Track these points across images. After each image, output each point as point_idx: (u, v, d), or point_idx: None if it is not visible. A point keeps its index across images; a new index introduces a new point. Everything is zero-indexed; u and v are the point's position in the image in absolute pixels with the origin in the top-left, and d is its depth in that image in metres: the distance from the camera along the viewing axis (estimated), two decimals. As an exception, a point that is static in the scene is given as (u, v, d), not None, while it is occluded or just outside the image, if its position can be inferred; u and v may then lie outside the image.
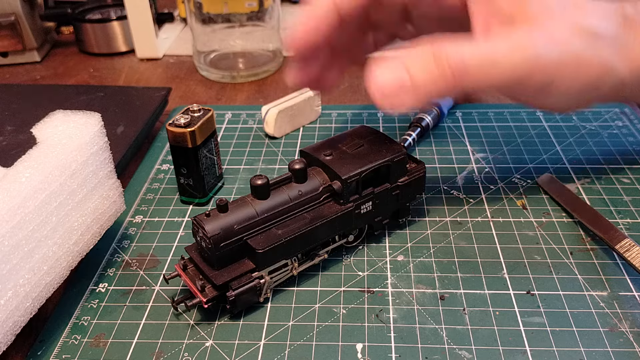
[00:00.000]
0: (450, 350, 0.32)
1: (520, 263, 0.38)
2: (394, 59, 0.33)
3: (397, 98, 0.33)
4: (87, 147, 0.36)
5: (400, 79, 0.33)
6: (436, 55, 0.32)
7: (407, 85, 0.33)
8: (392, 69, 0.33)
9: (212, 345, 0.33)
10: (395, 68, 0.33)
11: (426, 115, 0.52)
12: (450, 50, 0.32)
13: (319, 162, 0.37)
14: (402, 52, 0.33)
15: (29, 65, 0.73)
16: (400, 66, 0.33)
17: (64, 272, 0.34)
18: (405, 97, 0.33)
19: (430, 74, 0.32)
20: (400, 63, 0.33)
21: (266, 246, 0.34)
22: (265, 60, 0.68)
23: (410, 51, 0.33)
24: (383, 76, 0.33)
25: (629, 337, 0.33)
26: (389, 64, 0.33)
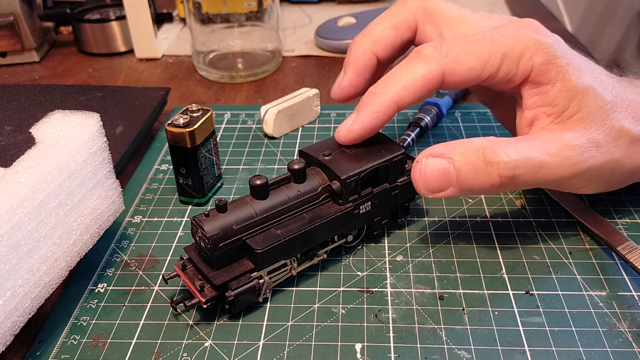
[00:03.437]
0: (450, 350, 0.32)
1: (519, 263, 0.38)
2: (442, 154, 0.34)
3: (439, 188, 0.34)
4: (86, 147, 0.36)
5: (446, 172, 0.34)
6: (487, 158, 0.33)
7: (452, 179, 0.34)
8: (439, 162, 0.34)
9: (211, 345, 0.33)
10: (443, 161, 0.34)
11: (425, 115, 0.52)
12: (502, 155, 0.33)
13: (318, 162, 0.37)
14: (450, 146, 0.34)
15: (27, 65, 0.73)
16: (447, 160, 0.34)
17: (62, 272, 0.34)
18: (448, 189, 0.34)
19: (478, 174, 0.33)
20: (448, 157, 0.34)
21: (265, 246, 0.34)
22: (264, 61, 0.68)
23: (460, 146, 0.34)
24: (429, 167, 0.34)
25: (627, 337, 0.33)
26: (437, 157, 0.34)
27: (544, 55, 0.35)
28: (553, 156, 0.34)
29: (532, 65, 0.35)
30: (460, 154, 0.34)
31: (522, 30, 0.36)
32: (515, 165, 0.33)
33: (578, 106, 0.35)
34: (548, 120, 0.36)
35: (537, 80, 0.35)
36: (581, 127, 0.35)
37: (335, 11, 0.83)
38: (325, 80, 0.65)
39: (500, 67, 0.35)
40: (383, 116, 0.36)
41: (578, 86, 0.35)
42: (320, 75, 0.67)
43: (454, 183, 0.34)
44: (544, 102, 0.36)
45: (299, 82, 0.65)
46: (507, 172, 0.33)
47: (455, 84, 0.36)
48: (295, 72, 0.68)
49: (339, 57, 0.71)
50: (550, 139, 0.35)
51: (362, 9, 0.79)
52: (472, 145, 0.34)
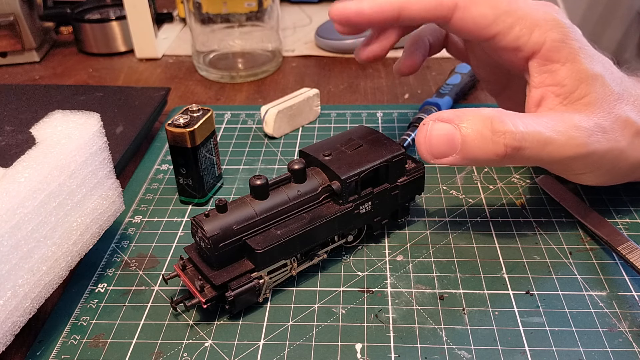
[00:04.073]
0: (450, 350, 0.32)
1: (519, 263, 0.38)
2: (450, 119, 0.33)
3: (443, 154, 0.33)
4: (86, 147, 0.36)
5: (452, 138, 0.33)
6: (495, 127, 0.33)
7: (457, 145, 0.33)
8: (446, 126, 0.33)
9: (211, 345, 0.33)
10: (449, 126, 0.33)
11: (425, 116, 0.52)
12: (510, 125, 0.33)
13: (318, 162, 0.37)
14: (459, 113, 0.33)
15: (28, 66, 0.73)
16: (454, 125, 0.33)
17: (63, 272, 0.34)
18: (451, 156, 0.33)
19: (484, 142, 0.33)
20: (455, 122, 0.33)
21: (265, 246, 0.34)
22: (264, 61, 0.68)
23: (469, 114, 0.33)
24: (435, 130, 0.33)
25: (627, 337, 0.33)
26: (444, 122, 0.33)
27: (559, 33, 0.35)
28: (560, 134, 0.34)
29: (545, 39, 0.35)
30: (468, 121, 0.33)
31: (543, 7, 0.36)
32: (522, 137, 0.33)
33: (586, 90, 0.35)
34: (556, 100, 0.36)
35: (548, 56, 0.35)
36: (589, 110, 0.35)
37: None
38: (325, 80, 0.65)
39: (512, 28, 0.35)
40: (381, 13, 0.36)
41: (588, 70, 0.35)
42: (321, 75, 0.67)
43: (458, 149, 0.33)
44: (552, 81, 0.35)
45: (299, 82, 0.65)
46: (513, 143, 0.33)
47: (462, 24, 0.35)
48: (296, 72, 0.68)
49: (339, 57, 0.71)
50: (559, 118, 0.34)
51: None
52: (481, 114, 0.33)
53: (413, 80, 0.65)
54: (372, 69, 0.68)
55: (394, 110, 0.57)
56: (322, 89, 0.63)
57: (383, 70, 0.67)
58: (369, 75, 0.66)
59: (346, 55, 0.71)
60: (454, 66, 0.61)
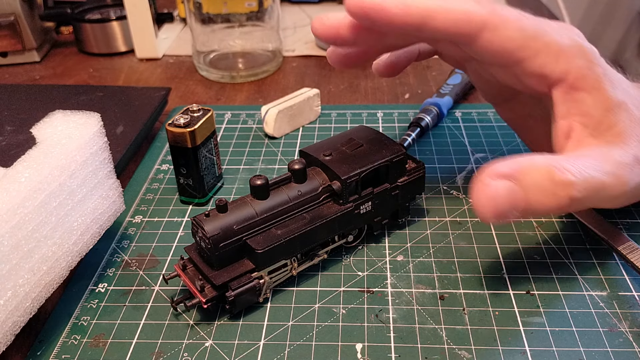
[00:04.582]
0: (450, 350, 0.32)
1: (519, 263, 0.38)
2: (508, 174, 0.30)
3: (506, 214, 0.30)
4: (87, 147, 0.36)
5: (514, 197, 0.30)
6: (556, 178, 0.30)
7: (520, 203, 0.30)
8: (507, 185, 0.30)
9: (211, 345, 0.33)
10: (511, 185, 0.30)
11: (426, 115, 0.52)
12: (570, 175, 0.30)
13: (319, 162, 0.37)
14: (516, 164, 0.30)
15: (28, 65, 0.73)
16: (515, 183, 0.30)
17: (63, 272, 0.34)
18: (512, 212, 0.30)
19: (546, 196, 0.30)
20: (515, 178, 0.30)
21: (266, 246, 0.34)
22: (264, 60, 0.68)
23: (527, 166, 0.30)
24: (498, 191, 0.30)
25: (628, 337, 0.33)
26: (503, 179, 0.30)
27: (585, 60, 0.33)
28: (610, 176, 0.31)
29: (570, 67, 0.33)
30: (528, 175, 0.30)
31: (567, 30, 0.34)
32: (582, 187, 0.30)
33: (614, 120, 0.33)
34: (585, 132, 0.33)
35: (574, 84, 0.33)
36: (622, 142, 0.33)
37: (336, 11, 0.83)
38: (325, 80, 0.65)
39: (538, 54, 0.33)
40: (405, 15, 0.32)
41: (613, 98, 0.33)
42: (321, 75, 0.67)
43: (520, 207, 0.30)
44: (579, 111, 0.33)
45: (299, 82, 0.65)
46: (577, 195, 0.30)
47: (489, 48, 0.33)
48: (296, 72, 0.68)
49: (340, 57, 0.71)
50: (602, 156, 0.32)
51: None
52: (539, 165, 0.30)
53: (413, 80, 0.65)
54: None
55: (394, 110, 0.57)
56: (322, 88, 0.63)
57: (383, 70, 0.67)
58: (369, 75, 0.66)
59: (346, 55, 0.71)
60: (454, 66, 0.61)
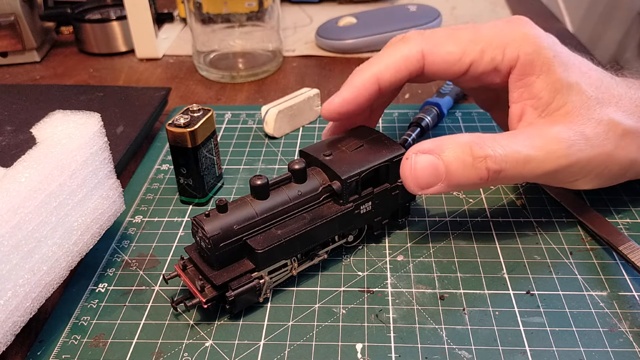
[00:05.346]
0: (450, 350, 0.32)
1: (520, 263, 0.38)
2: (431, 150, 0.34)
3: (429, 184, 0.35)
4: (87, 147, 0.36)
5: (436, 168, 0.34)
6: (474, 152, 0.34)
7: (442, 174, 0.34)
8: (428, 157, 0.34)
9: (211, 345, 0.33)
10: (432, 157, 0.34)
11: (426, 115, 0.52)
12: (489, 150, 0.34)
13: (319, 162, 0.37)
14: (438, 143, 0.35)
15: (28, 65, 0.73)
16: (436, 156, 0.34)
17: (63, 272, 0.34)
18: (438, 185, 0.35)
19: (465, 167, 0.34)
20: (436, 153, 0.34)
21: (266, 246, 0.34)
22: (265, 60, 0.68)
23: (448, 143, 0.34)
24: (419, 163, 0.34)
25: (628, 337, 0.33)
26: (426, 154, 0.34)
27: (531, 46, 0.36)
28: (538, 150, 0.34)
29: (518, 54, 0.36)
30: (448, 150, 0.34)
31: (510, 25, 0.37)
32: (502, 159, 0.34)
33: (563, 100, 0.35)
34: (535, 113, 0.36)
35: (523, 70, 0.36)
36: (567, 120, 0.35)
37: (336, 11, 0.83)
38: (325, 80, 0.65)
39: (483, 53, 0.36)
40: (363, 91, 0.37)
41: (562, 80, 0.35)
42: (321, 75, 0.67)
43: (443, 178, 0.34)
44: (529, 95, 0.36)
45: (299, 82, 0.65)
46: (494, 166, 0.34)
47: (436, 67, 0.37)
48: (296, 72, 0.68)
49: (340, 57, 0.71)
50: (536, 133, 0.35)
51: (363, 8, 0.79)
52: (460, 141, 0.34)
53: (413, 80, 0.65)
54: (373, 69, 0.68)
55: (394, 110, 0.57)
56: (322, 89, 0.63)
57: (383, 70, 0.67)
58: (369, 75, 0.66)
59: (346, 55, 0.71)
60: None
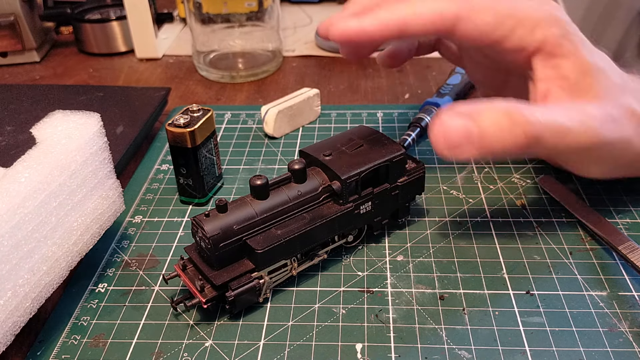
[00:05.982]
0: (450, 350, 0.32)
1: (519, 263, 0.38)
2: (466, 113, 0.32)
3: (460, 148, 0.32)
4: (87, 147, 0.36)
5: (468, 130, 0.31)
6: (512, 115, 0.32)
7: (475, 137, 0.31)
8: (462, 119, 0.32)
9: (211, 345, 0.33)
10: (466, 118, 0.32)
11: (425, 115, 0.52)
12: (528, 114, 0.32)
13: (319, 162, 0.37)
14: (474, 106, 0.32)
15: (28, 66, 0.73)
16: (470, 118, 0.32)
17: (63, 272, 0.34)
18: (469, 149, 0.32)
19: (501, 132, 0.32)
20: (471, 115, 0.32)
21: (266, 246, 0.34)
22: (264, 60, 0.68)
23: (485, 106, 0.32)
24: (451, 123, 0.32)
25: (628, 337, 0.33)
26: (459, 114, 0.32)
27: (560, 29, 0.35)
28: (577, 122, 0.33)
29: (547, 36, 0.35)
30: (485, 113, 0.32)
31: (542, 4, 0.36)
32: (542, 126, 0.32)
33: (591, 82, 0.35)
34: (562, 93, 0.35)
35: (551, 51, 0.35)
36: (597, 101, 0.35)
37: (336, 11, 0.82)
38: (325, 81, 0.65)
39: (514, 30, 0.35)
40: (384, 30, 0.35)
41: (590, 63, 0.35)
42: (321, 75, 0.67)
43: (475, 142, 0.31)
44: (557, 75, 0.36)
45: (299, 82, 0.65)
46: (534, 132, 0.32)
47: (467, 34, 0.35)
48: (296, 72, 0.68)
49: (340, 57, 0.71)
50: (572, 107, 0.34)
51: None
52: (498, 106, 0.32)
53: (413, 80, 0.65)
54: (372, 69, 0.68)
55: (394, 110, 0.57)
56: (322, 89, 0.63)
57: (383, 70, 0.67)
58: (369, 75, 0.66)
59: (346, 55, 0.71)
60: (454, 66, 0.61)
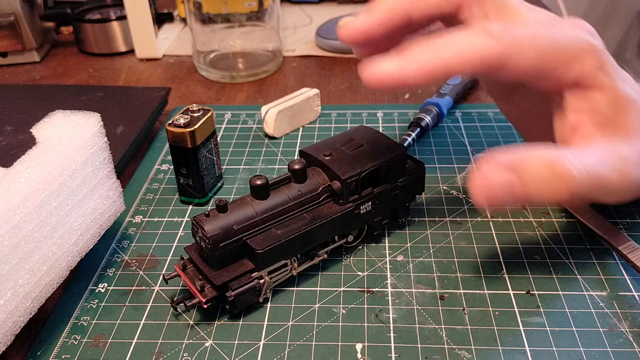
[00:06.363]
0: (450, 350, 0.32)
1: (520, 263, 0.38)
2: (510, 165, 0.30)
3: (502, 202, 0.30)
4: (87, 147, 0.36)
5: (512, 184, 0.30)
6: (555, 168, 0.30)
7: (518, 193, 0.30)
8: (506, 173, 0.30)
9: (211, 345, 0.33)
10: (509, 173, 0.30)
11: (425, 115, 0.52)
12: (570, 166, 0.30)
13: (319, 162, 0.37)
14: (517, 156, 0.31)
15: (28, 66, 0.73)
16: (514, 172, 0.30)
17: (63, 272, 0.34)
18: (509, 201, 0.30)
19: (545, 186, 0.30)
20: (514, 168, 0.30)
21: (266, 246, 0.34)
22: (264, 60, 0.68)
23: (526, 155, 0.31)
24: (494, 177, 0.30)
25: (628, 337, 0.33)
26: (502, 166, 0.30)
27: (597, 60, 0.33)
28: (614, 171, 0.32)
29: (583, 69, 0.33)
30: (529, 164, 0.30)
31: (578, 31, 0.34)
32: (584, 179, 0.30)
33: (624, 117, 0.33)
34: (594, 128, 0.34)
35: (586, 84, 0.33)
36: (630, 139, 0.33)
37: (336, 11, 0.83)
38: (325, 80, 0.65)
39: (555, 69, 0.33)
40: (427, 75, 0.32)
41: (624, 97, 0.33)
42: (321, 75, 0.67)
43: (517, 195, 0.30)
44: (590, 108, 0.34)
45: (299, 82, 0.65)
46: (576, 187, 0.30)
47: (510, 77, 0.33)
48: (296, 72, 0.68)
49: (340, 57, 0.71)
50: (609, 152, 0.32)
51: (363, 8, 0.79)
52: (541, 156, 0.31)
53: (413, 80, 0.65)
54: (373, 69, 0.68)
55: (394, 110, 0.57)
56: (322, 88, 0.63)
57: (383, 70, 0.67)
58: (369, 75, 0.66)
59: (346, 55, 0.71)
60: (454, 66, 0.60)
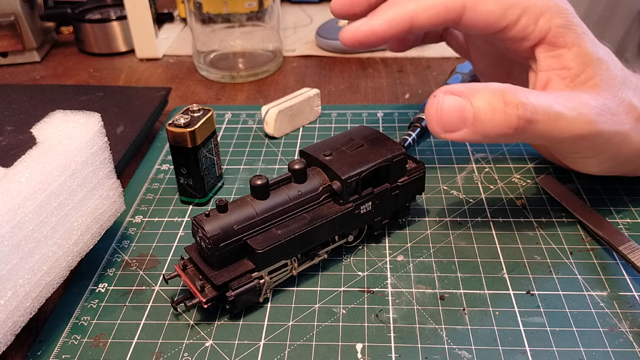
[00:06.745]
0: (450, 350, 0.32)
1: (520, 263, 0.38)
2: (461, 92, 0.33)
3: (454, 128, 0.33)
4: (87, 147, 0.36)
5: (462, 108, 0.32)
6: (507, 98, 0.32)
7: (469, 118, 0.32)
8: (457, 99, 0.32)
9: (211, 345, 0.33)
10: (461, 99, 0.32)
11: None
12: (523, 97, 0.32)
13: (319, 162, 0.37)
14: (470, 87, 0.33)
15: (28, 66, 0.73)
16: (465, 98, 0.32)
17: (63, 272, 0.34)
18: (462, 130, 0.32)
19: (495, 112, 0.32)
20: (466, 96, 0.32)
21: (266, 246, 0.34)
22: (265, 60, 0.68)
23: (480, 87, 0.33)
24: (445, 103, 0.32)
25: (628, 337, 0.33)
26: (454, 92, 0.33)
27: (563, 19, 0.35)
28: (570, 110, 0.33)
29: (550, 26, 0.35)
30: (479, 93, 0.32)
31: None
32: (535, 108, 0.32)
33: (592, 73, 0.35)
34: (562, 83, 0.36)
35: (554, 42, 0.36)
36: (595, 92, 0.35)
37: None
38: (326, 80, 0.65)
39: (519, 19, 0.36)
40: (394, 27, 0.36)
41: (593, 54, 0.35)
42: (321, 75, 0.67)
43: (469, 123, 0.32)
44: (558, 65, 0.36)
45: (299, 82, 0.65)
46: (526, 114, 0.32)
47: (473, 23, 0.36)
48: (296, 72, 0.68)
49: (340, 57, 0.71)
50: (568, 95, 0.35)
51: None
52: (493, 87, 0.33)
53: (414, 80, 0.65)
54: (373, 69, 0.68)
55: (394, 110, 0.57)
56: (322, 88, 0.63)
57: (383, 70, 0.67)
58: (369, 75, 0.66)
59: (347, 55, 0.71)
60: (454, 66, 0.61)
